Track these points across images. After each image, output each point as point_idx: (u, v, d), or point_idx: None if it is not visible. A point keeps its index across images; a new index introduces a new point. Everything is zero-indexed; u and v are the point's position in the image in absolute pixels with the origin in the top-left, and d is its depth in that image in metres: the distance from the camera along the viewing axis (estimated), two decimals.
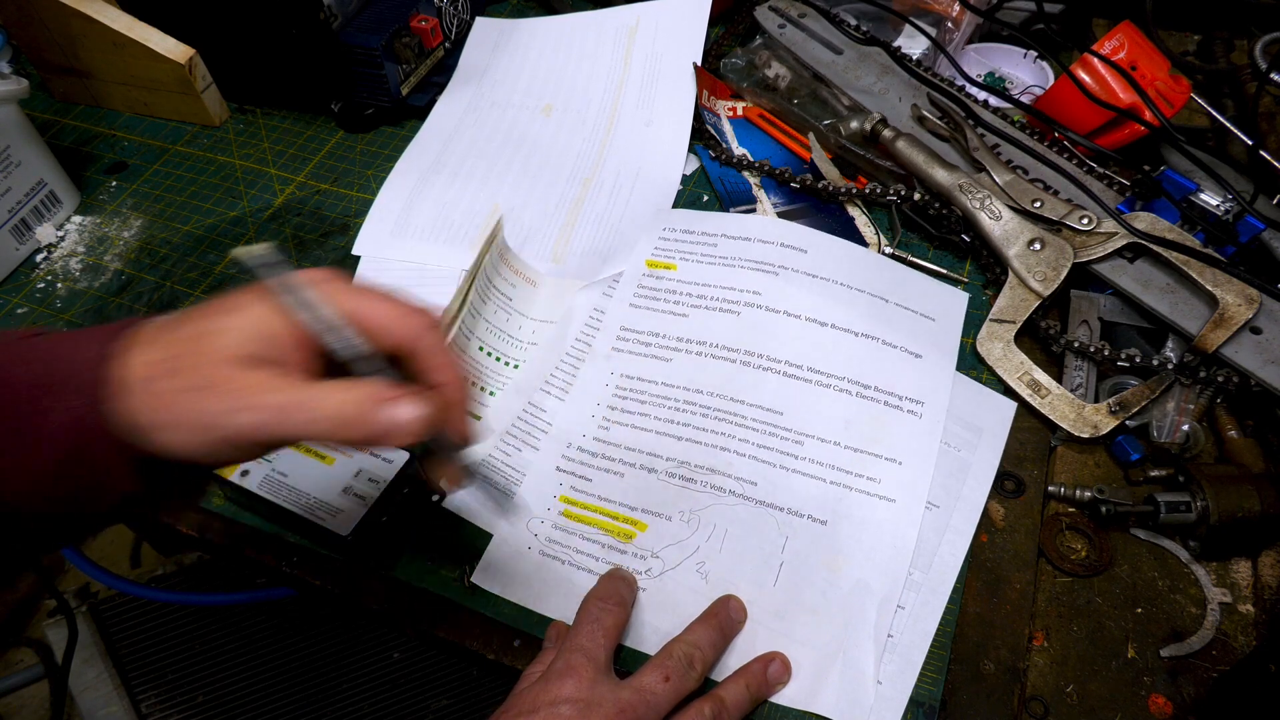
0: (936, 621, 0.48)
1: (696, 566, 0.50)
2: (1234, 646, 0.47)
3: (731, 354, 0.57)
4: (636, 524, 0.52)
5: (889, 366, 0.56)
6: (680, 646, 0.44)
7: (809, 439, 0.54)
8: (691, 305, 0.60)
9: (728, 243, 0.62)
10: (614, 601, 0.46)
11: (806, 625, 0.48)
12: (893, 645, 0.47)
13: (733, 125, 0.76)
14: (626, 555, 0.51)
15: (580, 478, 0.54)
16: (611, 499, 0.53)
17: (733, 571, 0.50)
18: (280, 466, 0.53)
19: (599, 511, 0.53)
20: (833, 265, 0.61)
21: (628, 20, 0.84)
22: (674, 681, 0.42)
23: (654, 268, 0.62)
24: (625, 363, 0.58)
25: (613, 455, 0.55)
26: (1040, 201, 0.63)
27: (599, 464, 0.55)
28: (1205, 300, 0.57)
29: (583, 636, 0.44)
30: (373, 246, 0.70)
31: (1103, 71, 0.68)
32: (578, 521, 0.53)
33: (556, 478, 0.54)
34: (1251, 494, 0.49)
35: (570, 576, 0.51)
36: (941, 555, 0.50)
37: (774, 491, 0.52)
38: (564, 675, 0.41)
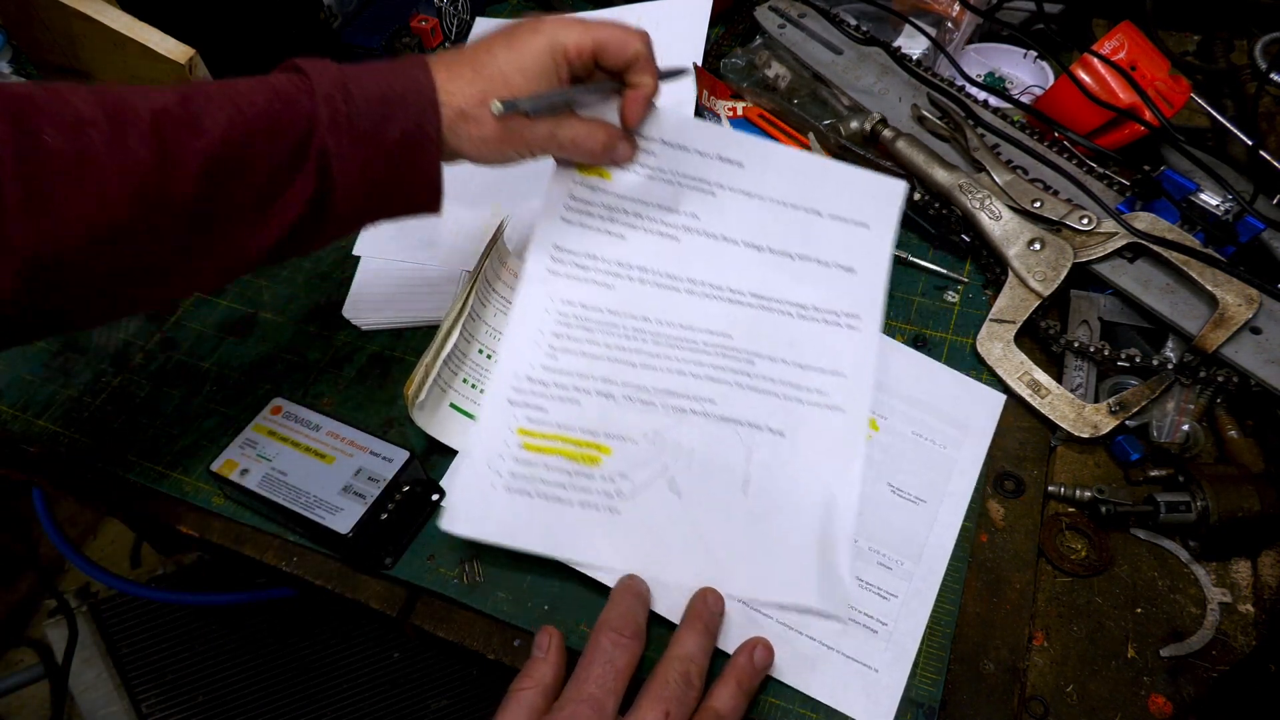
0: (928, 612, 0.49)
1: (668, 484, 0.52)
2: (1234, 646, 0.47)
3: (674, 282, 0.57)
4: (601, 448, 0.52)
5: (825, 286, 0.58)
6: (673, 668, 0.43)
7: (759, 358, 0.56)
8: (628, 225, 0.57)
9: (663, 150, 0.58)
10: (629, 633, 0.45)
11: (780, 527, 0.51)
12: (887, 634, 0.48)
13: (733, 125, 0.76)
14: (594, 479, 0.51)
15: (535, 408, 0.53)
16: (571, 426, 0.53)
17: (704, 483, 0.52)
18: (280, 465, 0.53)
19: (560, 440, 0.52)
20: (770, 181, 0.59)
21: (627, 20, 0.84)
22: (674, 715, 0.41)
23: (586, 174, 0.57)
24: (564, 288, 0.56)
25: (565, 384, 0.54)
26: (1040, 201, 0.63)
27: (552, 393, 0.54)
28: (1205, 300, 0.57)
29: (592, 683, 0.42)
30: (373, 246, 0.70)
31: (1103, 71, 0.68)
32: (539, 452, 0.52)
33: (509, 411, 0.53)
34: (1251, 494, 0.49)
35: (540, 509, 0.51)
36: (930, 547, 0.51)
37: (732, 407, 0.54)
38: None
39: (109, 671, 1.00)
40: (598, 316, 0.56)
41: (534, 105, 0.48)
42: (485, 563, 0.52)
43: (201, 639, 1.02)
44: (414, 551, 0.53)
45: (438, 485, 0.55)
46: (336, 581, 0.53)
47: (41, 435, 0.61)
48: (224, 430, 0.60)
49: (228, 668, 1.02)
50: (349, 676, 1.02)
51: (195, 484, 0.57)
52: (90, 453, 0.60)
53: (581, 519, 0.51)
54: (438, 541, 0.53)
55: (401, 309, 0.65)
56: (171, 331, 0.67)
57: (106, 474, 0.59)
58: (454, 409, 0.57)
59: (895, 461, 0.55)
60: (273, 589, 0.97)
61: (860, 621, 0.49)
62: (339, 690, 1.02)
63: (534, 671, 0.44)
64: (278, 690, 1.02)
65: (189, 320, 0.67)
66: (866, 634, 0.48)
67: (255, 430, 0.55)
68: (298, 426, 0.55)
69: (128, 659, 1.01)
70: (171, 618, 1.01)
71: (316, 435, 0.54)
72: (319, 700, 1.02)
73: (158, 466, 0.58)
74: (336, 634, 1.02)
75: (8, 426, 0.62)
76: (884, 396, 0.57)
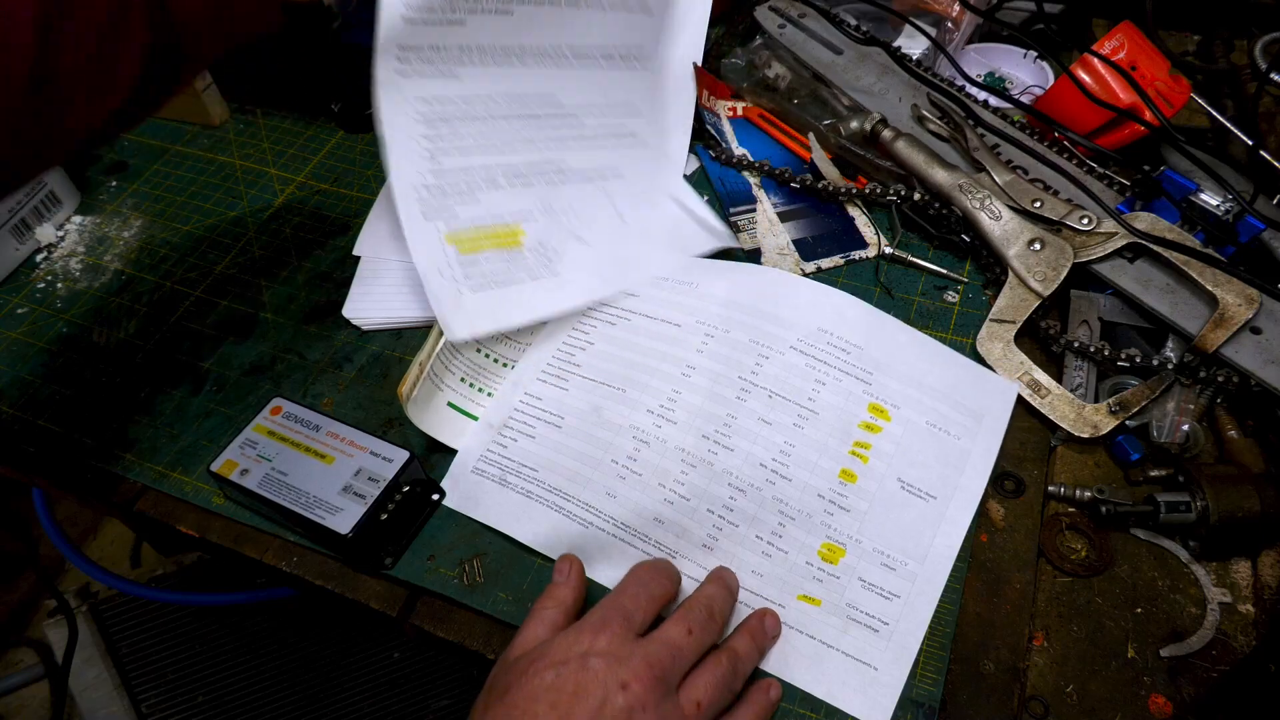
0: (931, 612, 0.49)
1: (575, 238, 0.62)
2: (1234, 646, 0.47)
3: (515, 58, 0.62)
4: (515, 229, 0.60)
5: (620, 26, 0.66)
6: (699, 599, 0.45)
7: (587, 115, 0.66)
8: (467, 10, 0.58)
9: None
10: (666, 575, 0.47)
11: (655, 225, 0.66)
12: (888, 633, 0.48)
13: (733, 125, 0.76)
14: (525, 254, 0.60)
15: (448, 214, 0.59)
16: (482, 216, 0.59)
17: (595, 229, 0.63)
18: (280, 465, 0.53)
19: (481, 232, 0.59)
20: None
21: None
22: (697, 634, 0.43)
23: None
24: (417, 86, 0.58)
25: (456, 180, 0.59)
26: (1040, 201, 0.63)
27: (450, 195, 0.59)
28: (1205, 300, 0.57)
29: (626, 597, 0.44)
30: (373, 247, 0.70)
31: (1103, 71, 0.68)
32: (473, 250, 0.58)
33: (429, 225, 0.58)
34: (1251, 494, 0.49)
35: (504, 296, 0.57)
36: (936, 546, 0.51)
37: (582, 161, 0.64)
38: (598, 629, 0.41)
39: (109, 671, 1.00)
40: (456, 109, 0.59)
41: None
42: (485, 563, 0.52)
43: (201, 639, 1.02)
44: (414, 551, 0.53)
45: (438, 485, 0.55)
46: (336, 581, 0.53)
47: (41, 435, 0.61)
48: (224, 430, 0.60)
49: (228, 668, 1.02)
50: (349, 676, 1.02)
51: (195, 484, 0.57)
52: (90, 453, 0.60)
53: (535, 290, 0.58)
54: (438, 542, 0.53)
55: (401, 309, 0.65)
56: (171, 331, 0.67)
57: (107, 474, 0.59)
58: (452, 408, 0.57)
59: (907, 455, 0.53)
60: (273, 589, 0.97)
61: (861, 621, 0.48)
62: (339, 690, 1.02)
63: (555, 593, 0.46)
64: (278, 690, 1.02)
65: (189, 320, 0.67)
66: (867, 633, 0.48)
67: (255, 430, 0.55)
68: (298, 427, 0.55)
69: (128, 659, 1.01)
70: (171, 618, 1.02)
71: (316, 435, 0.54)
72: (319, 700, 1.02)
73: (158, 466, 0.58)
74: (336, 634, 1.02)
75: (8, 426, 0.62)
76: (898, 385, 0.56)
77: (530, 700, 0.38)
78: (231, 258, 0.72)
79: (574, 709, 0.37)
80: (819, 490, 0.52)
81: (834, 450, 0.53)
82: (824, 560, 0.50)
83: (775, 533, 0.51)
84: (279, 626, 1.02)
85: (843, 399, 0.55)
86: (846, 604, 0.49)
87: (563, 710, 0.37)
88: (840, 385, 0.56)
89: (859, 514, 0.52)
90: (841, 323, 0.58)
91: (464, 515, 0.54)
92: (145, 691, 1.01)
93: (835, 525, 0.51)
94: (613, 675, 0.39)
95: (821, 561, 0.50)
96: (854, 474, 0.53)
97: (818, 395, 0.55)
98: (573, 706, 0.37)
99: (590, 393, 0.57)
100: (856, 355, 0.57)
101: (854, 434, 0.54)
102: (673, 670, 0.41)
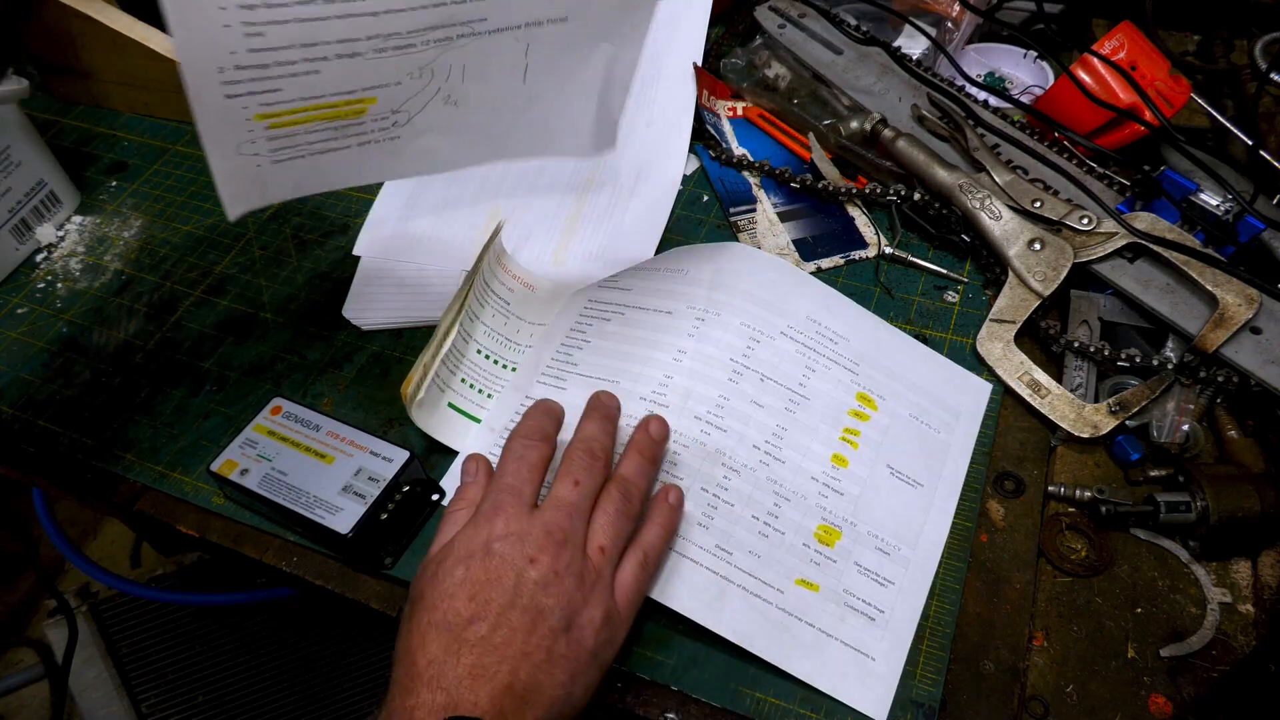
0: (923, 600, 0.49)
1: (443, 100, 0.48)
2: (1234, 646, 0.47)
3: None
4: (361, 101, 0.46)
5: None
6: (577, 446, 0.47)
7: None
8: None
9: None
10: (537, 437, 0.47)
11: (561, 96, 0.50)
12: (884, 621, 0.48)
13: (733, 125, 0.76)
14: (365, 123, 0.47)
15: (264, 93, 0.43)
16: (318, 94, 0.44)
17: (480, 87, 0.48)
18: (280, 465, 0.53)
19: (310, 109, 0.45)
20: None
21: None
22: (584, 483, 0.45)
23: None
24: None
25: (289, 59, 0.42)
26: (1040, 201, 0.63)
27: (276, 73, 0.42)
28: (1205, 300, 0.57)
29: (508, 475, 0.45)
30: (373, 247, 0.70)
31: (1103, 71, 0.68)
32: (292, 125, 0.45)
33: (232, 106, 0.43)
34: (1251, 494, 0.49)
35: (319, 162, 0.47)
36: (927, 533, 0.52)
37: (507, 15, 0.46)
38: (493, 515, 0.43)
39: (109, 671, 1.00)
40: None
41: None
42: None
43: (201, 639, 1.02)
44: (414, 551, 0.53)
45: (438, 485, 0.55)
46: (336, 581, 0.53)
47: (41, 435, 0.61)
48: (224, 430, 0.60)
49: (228, 668, 1.02)
50: (349, 676, 1.02)
51: (195, 484, 0.57)
52: (90, 453, 0.60)
53: (364, 154, 0.48)
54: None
55: (401, 309, 0.65)
56: (171, 331, 0.67)
57: (107, 474, 0.59)
58: (453, 409, 0.57)
59: (894, 443, 0.55)
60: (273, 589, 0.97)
61: (858, 609, 0.49)
62: (339, 690, 1.02)
63: (465, 494, 0.47)
64: (278, 690, 1.02)
65: (189, 320, 0.67)
66: (864, 621, 0.48)
67: (255, 430, 0.55)
68: (298, 426, 0.55)
69: (128, 659, 1.01)
70: (171, 618, 1.02)
71: (316, 435, 0.54)
72: (319, 700, 1.02)
73: (158, 466, 0.58)
74: (336, 634, 1.02)
75: (8, 426, 0.62)
76: (883, 377, 0.57)
77: (448, 598, 0.39)
78: (231, 258, 0.72)
79: (491, 594, 0.39)
80: (812, 473, 0.53)
81: (825, 435, 0.54)
82: (820, 543, 0.51)
83: (771, 513, 0.51)
84: (279, 626, 1.02)
85: (832, 386, 0.56)
86: (844, 590, 0.49)
87: (481, 599, 0.39)
88: (829, 373, 0.57)
89: (852, 497, 0.52)
90: (827, 313, 0.59)
91: None
92: (145, 691, 1.01)
93: (830, 507, 0.52)
94: (519, 554, 0.41)
95: (818, 544, 0.51)
96: (845, 459, 0.54)
97: (808, 381, 0.56)
98: (490, 592, 0.39)
99: (588, 389, 0.57)
100: (844, 346, 0.58)
101: (843, 420, 0.55)
102: (572, 529, 0.43)
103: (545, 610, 0.39)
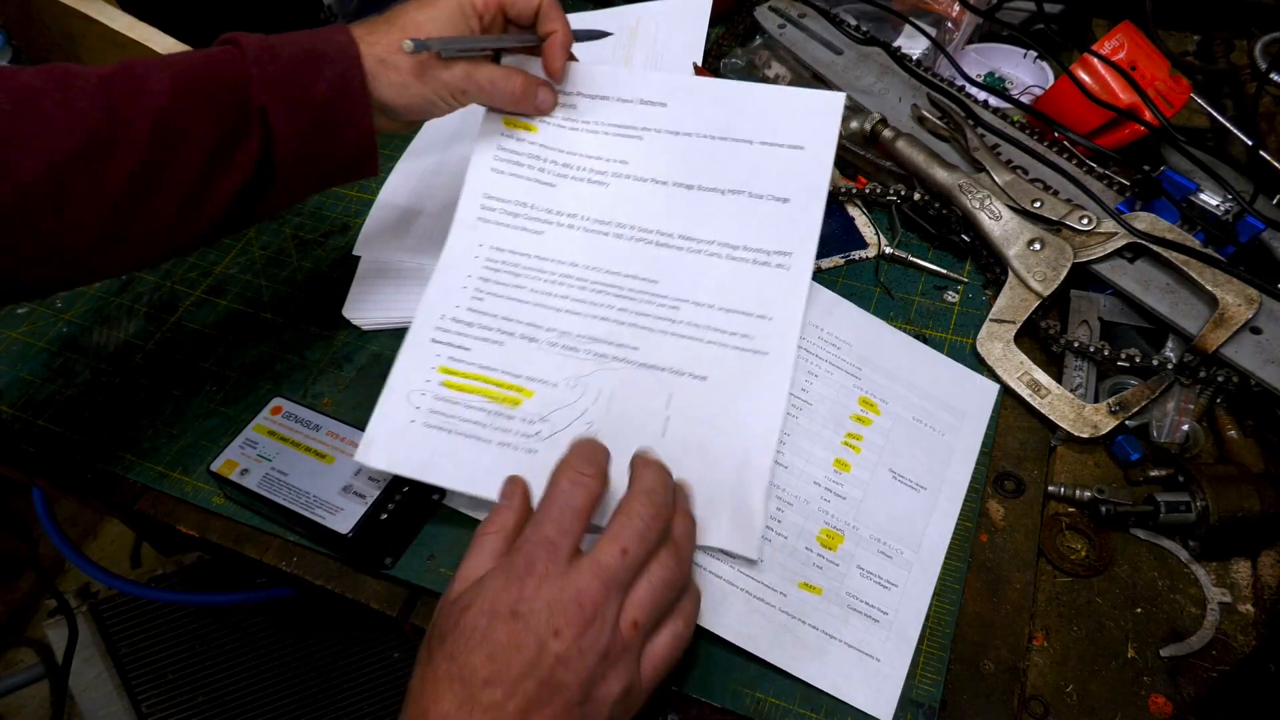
0: (927, 602, 0.49)
1: (585, 427, 0.52)
2: (1234, 646, 0.47)
3: (603, 227, 0.57)
4: (522, 390, 0.53)
5: (756, 221, 0.56)
6: (637, 499, 0.42)
7: (684, 303, 0.55)
8: (558, 174, 0.58)
9: (586, 102, 0.59)
10: (589, 471, 0.42)
11: (695, 470, 0.48)
12: (888, 623, 0.48)
13: None
14: (515, 420, 0.52)
15: (457, 348, 0.54)
16: (493, 368, 0.53)
17: (621, 429, 0.51)
18: (280, 465, 0.53)
19: (482, 380, 0.53)
20: (694, 116, 0.59)
21: (628, 21, 0.84)
22: (632, 551, 0.40)
23: (512, 127, 0.59)
24: (493, 234, 0.57)
25: (489, 325, 0.55)
26: (1040, 201, 0.63)
27: (475, 334, 0.55)
28: (1205, 300, 0.57)
29: (548, 525, 0.41)
30: (373, 247, 0.70)
31: (1103, 71, 0.68)
32: (460, 391, 0.53)
33: (431, 349, 0.54)
34: (1251, 494, 0.49)
35: (458, 446, 0.51)
36: (930, 535, 0.51)
37: (655, 354, 0.54)
38: (526, 573, 0.39)
39: (109, 671, 1.00)
40: (526, 262, 0.57)
41: (444, 45, 0.51)
42: None
43: (201, 639, 1.02)
44: (414, 552, 0.53)
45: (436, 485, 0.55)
46: (336, 581, 0.53)
47: (41, 435, 0.61)
48: (224, 430, 0.60)
49: (228, 668, 1.02)
50: (349, 676, 1.02)
51: (195, 484, 0.57)
52: (90, 453, 0.60)
53: (498, 458, 0.51)
54: (438, 541, 0.53)
55: (401, 309, 0.65)
56: (171, 332, 0.67)
57: (106, 474, 0.59)
58: None
59: (896, 446, 0.55)
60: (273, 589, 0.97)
61: (861, 610, 0.49)
62: (339, 690, 1.02)
63: (498, 517, 0.43)
64: (278, 690, 1.02)
65: (189, 320, 0.67)
66: (868, 623, 0.48)
67: (255, 430, 0.55)
68: (298, 426, 0.55)
69: (128, 659, 1.01)
70: (171, 618, 1.02)
71: (316, 435, 0.54)
72: (319, 700, 1.02)
73: (158, 466, 0.58)
74: (336, 634, 1.02)
75: (8, 426, 0.62)
76: (885, 380, 0.57)
77: (467, 651, 0.38)
78: (231, 258, 0.72)
79: (510, 660, 0.37)
80: (814, 478, 0.53)
81: (827, 440, 0.54)
82: (823, 546, 0.51)
83: (774, 517, 0.51)
84: (279, 626, 1.02)
85: (834, 390, 0.56)
86: (847, 593, 0.49)
87: (501, 662, 0.37)
88: (831, 378, 0.57)
89: (854, 501, 0.52)
90: (829, 318, 0.59)
91: (464, 516, 0.54)
92: (145, 691, 1.01)
93: (832, 511, 0.52)
94: (544, 623, 0.38)
95: (820, 548, 0.51)
96: (847, 463, 0.54)
97: (810, 386, 0.56)
98: (509, 657, 0.37)
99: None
100: (846, 351, 0.58)
101: (846, 425, 0.55)
102: (606, 602, 0.39)
103: (562, 685, 0.37)
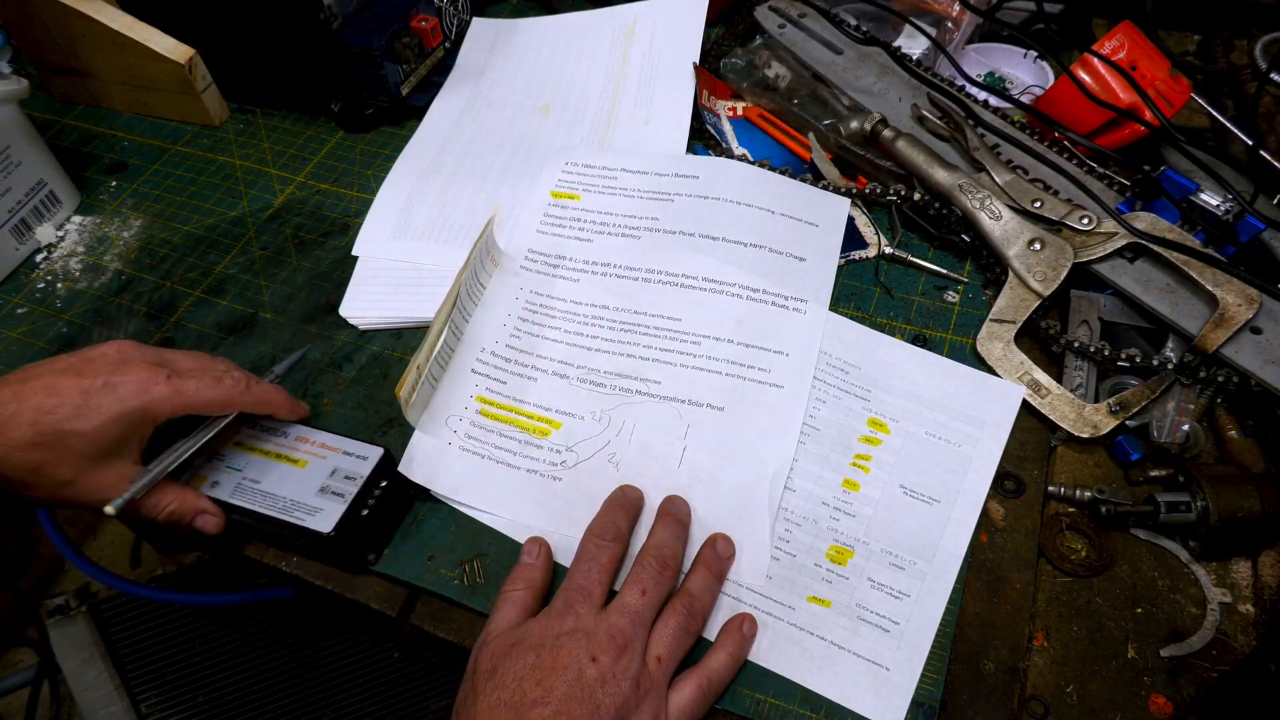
0: (941, 610, 0.49)
1: (608, 458, 0.55)
2: (1234, 646, 0.47)
3: (633, 272, 0.63)
4: (551, 423, 0.57)
5: (776, 270, 0.62)
6: (649, 554, 0.48)
7: (705, 339, 0.59)
8: (595, 231, 0.66)
9: (627, 176, 0.69)
10: (610, 537, 0.49)
11: (707, 498, 0.52)
12: (899, 633, 0.48)
13: (733, 125, 0.76)
14: (543, 449, 0.56)
15: (495, 380, 0.59)
16: (526, 400, 0.58)
17: (641, 458, 0.55)
18: (251, 474, 0.52)
19: (514, 411, 0.57)
20: (723, 185, 0.67)
21: (625, 19, 0.84)
22: (651, 593, 0.47)
23: (558, 198, 0.68)
24: (534, 280, 0.64)
25: (524, 362, 0.59)
26: (1040, 201, 0.63)
27: (512, 369, 0.59)
28: (1205, 300, 0.57)
29: (580, 576, 0.47)
30: (372, 247, 0.70)
31: (1103, 71, 0.68)
32: (494, 419, 0.57)
33: (471, 379, 0.58)
34: (1251, 494, 0.49)
35: (489, 470, 0.55)
36: (944, 546, 0.51)
37: (676, 387, 0.57)
38: (565, 613, 0.45)
39: (109, 671, 1.00)
40: (562, 306, 0.62)
41: (145, 487, 0.49)
42: (485, 564, 0.52)
43: (201, 639, 1.02)
44: (414, 552, 0.53)
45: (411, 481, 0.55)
46: (336, 581, 0.53)
47: None
48: None
49: (228, 668, 1.02)
50: (349, 676, 1.02)
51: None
52: None
53: (525, 483, 0.54)
54: (438, 542, 0.53)
55: (401, 309, 0.65)
56: (171, 332, 0.67)
57: None
58: None
59: (907, 463, 0.54)
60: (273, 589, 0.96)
61: (872, 621, 0.49)
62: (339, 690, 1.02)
63: (523, 575, 0.49)
64: (278, 690, 1.02)
65: (189, 320, 0.67)
66: (878, 633, 0.48)
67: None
68: (263, 434, 0.54)
69: (128, 659, 1.01)
70: (171, 618, 1.01)
71: (285, 441, 0.54)
72: (319, 700, 1.02)
73: None
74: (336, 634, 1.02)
75: None
76: (892, 399, 0.57)
77: (517, 680, 0.42)
78: (231, 258, 0.72)
79: (554, 682, 0.42)
80: (823, 499, 0.53)
81: (835, 462, 0.54)
82: (832, 562, 0.51)
83: (782, 538, 0.51)
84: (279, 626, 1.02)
85: (842, 415, 0.56)
86: (856, 604, 0.49)
87: (546, 685, 0.42)
88: (839, 403, 0.57)
89: (864, 519, 0.52)
90: (837, 343, 0.59)
91: (465, 516, 0.54)
92: (145, 691, 1.01)
93: (841, 529, 0.52)
94: (583, 650, 0.43)
95: (830, 563, 0.50)
96: (856, 483, 0.53)
97: (818, 413, 0.56)
98: (553, 680, 0.42)
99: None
100: (855, 374, 0.58)
101: (854, 447, 0.55)
102: (634, 634, 0.45)
103: (600, 706, 0.42)
